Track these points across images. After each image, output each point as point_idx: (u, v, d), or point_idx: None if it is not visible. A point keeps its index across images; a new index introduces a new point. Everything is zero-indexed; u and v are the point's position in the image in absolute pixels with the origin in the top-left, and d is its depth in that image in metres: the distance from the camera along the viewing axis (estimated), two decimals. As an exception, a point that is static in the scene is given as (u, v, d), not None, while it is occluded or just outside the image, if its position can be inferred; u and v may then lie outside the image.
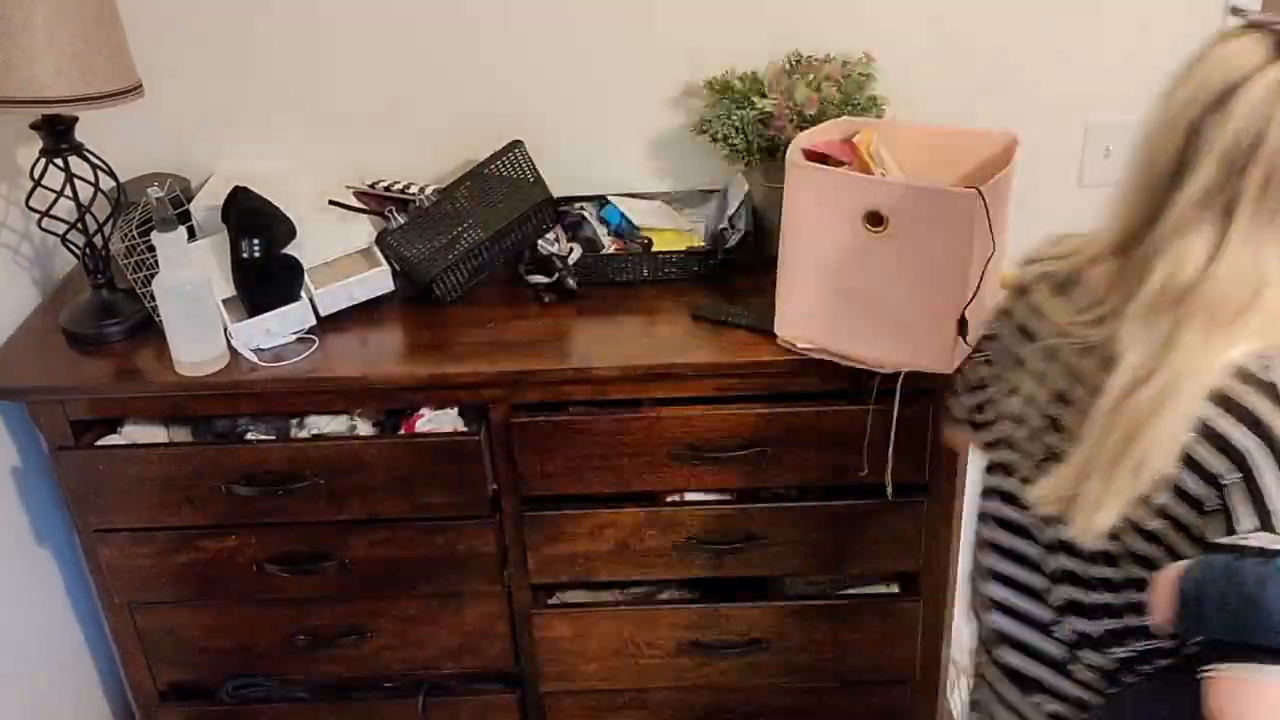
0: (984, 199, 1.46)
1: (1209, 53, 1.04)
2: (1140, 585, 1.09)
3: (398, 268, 1.79)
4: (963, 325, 1.55)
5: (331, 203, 1.87)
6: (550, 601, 1.90)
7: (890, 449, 1.67)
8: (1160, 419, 1.00)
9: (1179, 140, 1.02)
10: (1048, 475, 1.11)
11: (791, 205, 1.57)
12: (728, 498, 1.78)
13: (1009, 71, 1.89)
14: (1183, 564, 1.02)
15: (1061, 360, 1.15)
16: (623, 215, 1.90)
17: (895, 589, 1.87)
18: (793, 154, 1.57)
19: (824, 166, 1.58)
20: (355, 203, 1.88)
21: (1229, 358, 1.00)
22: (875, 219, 1.51)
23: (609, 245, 1.88)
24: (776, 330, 1.65)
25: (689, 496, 1.78)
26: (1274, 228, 0.99)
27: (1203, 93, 1.01)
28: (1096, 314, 1.10)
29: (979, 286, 1.53)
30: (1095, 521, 1.05)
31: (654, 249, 1.85)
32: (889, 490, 1.71)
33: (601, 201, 1.94)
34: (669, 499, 1.78)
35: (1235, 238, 0.99)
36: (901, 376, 1.60)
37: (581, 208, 1.92)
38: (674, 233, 1.91)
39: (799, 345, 1.63)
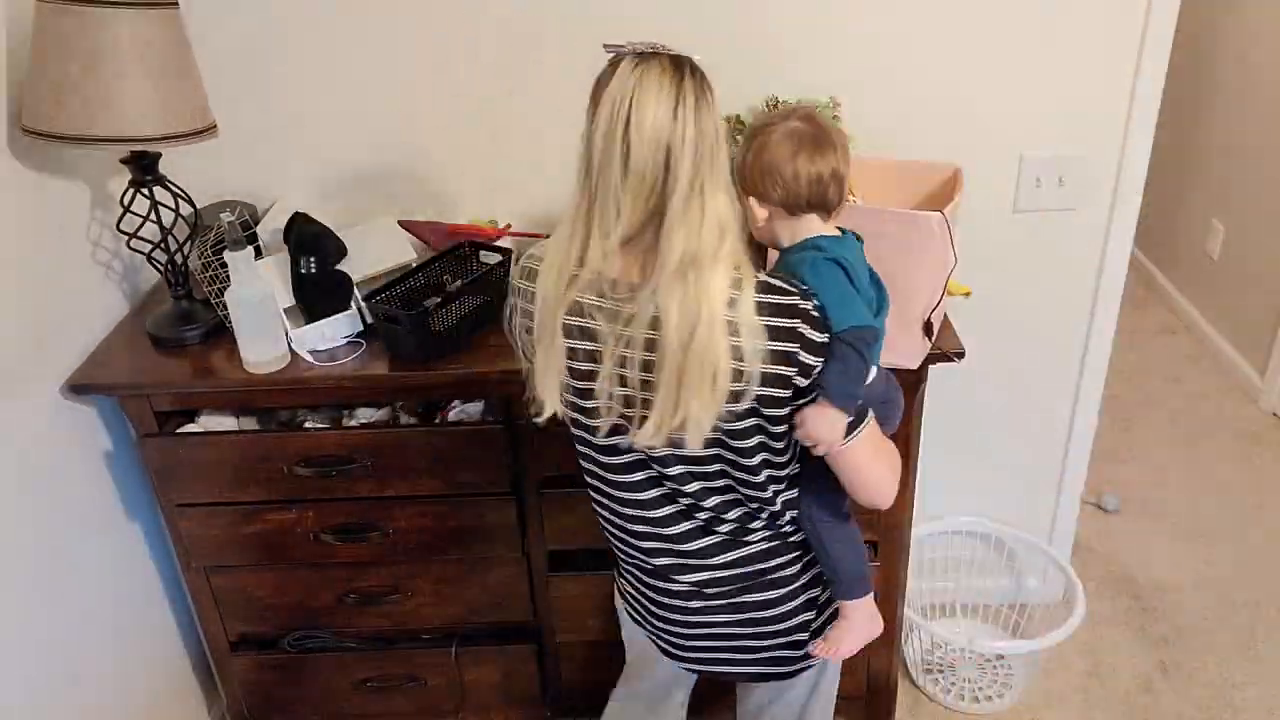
0: (948, 220, 1.47)
1: (643, 83, 1.12)
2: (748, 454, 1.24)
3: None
4: (928, 327, 1.55)
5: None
6: (563, 566, 1.90)
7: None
8: (715, 342, 1.13)
9: (661, 155, 1.11)
10: (648, 419, 1.18)
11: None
12: (714, 477, 1.79)
13: (954, 114, 1.90)
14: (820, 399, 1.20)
15: (605, 333, 1.20)
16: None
17: (857, 555, 1.87)
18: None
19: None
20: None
21: (728, 281, 1.14)
22: (853, 239, 1.52)
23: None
24: None
25: (681, 476, 1.79)
26: (715, 183, 1.14)
27: (658, 115, 1.11)
28: (626, 294, 1.17)
29: (942, 295, 1.54)
30: (703, 432, 1.18)
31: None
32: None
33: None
34: (664, 478, 1.79)
35: (709, 206, 1.13)
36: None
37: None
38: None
39: None
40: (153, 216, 1.70)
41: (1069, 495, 2.30)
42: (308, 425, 1.77)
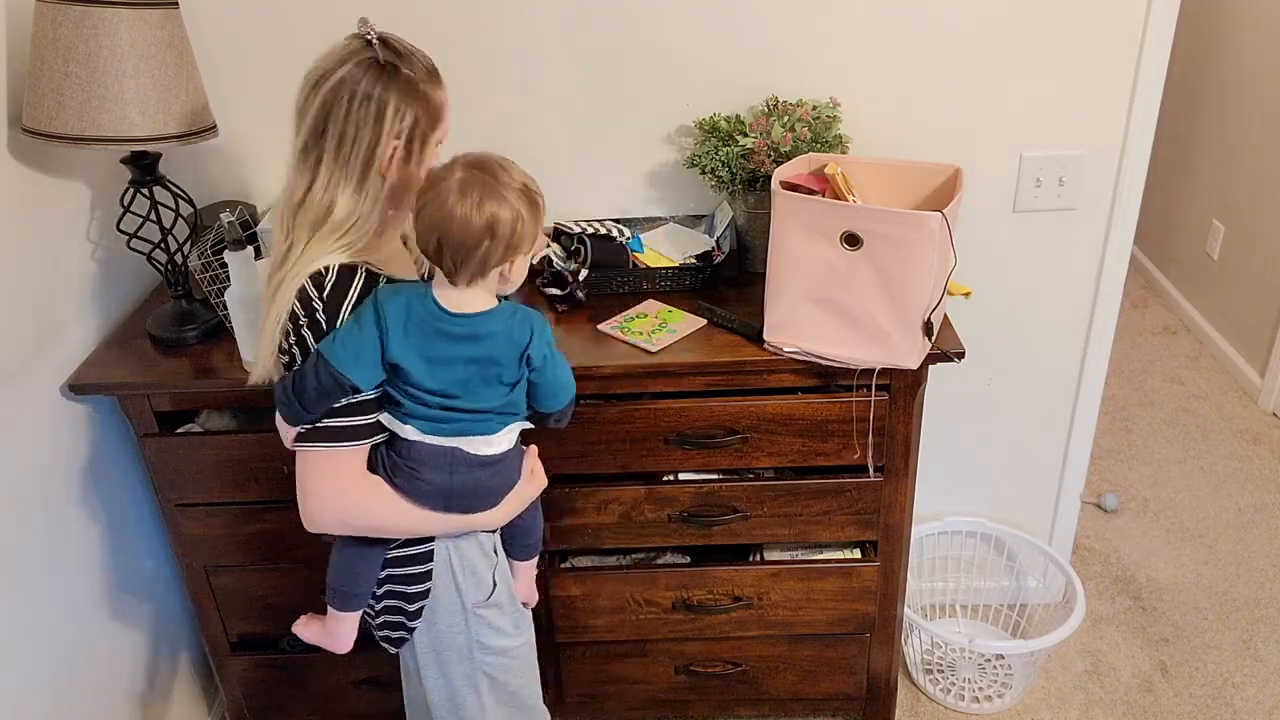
0: (947, 221, 1.48)
1: (327, 48, 1.25)
2: None
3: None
4: (928, 327, 1.55)
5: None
6: (564, 565, 1.90)
7: (870, 434, 1.69)
8: (279, 301, 1.23)
9: (300, 105, 1.25)
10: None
11: (779, 229, 1.57)
12: (715, 477, 1.79)
13: (954, 113, 1.90)
14: None
15: None
16: (640, 240, 1.91)
17: (857, 554, 1.87)
18: (775, 186, 1.57)
19: (808, 196, 1.58)
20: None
21: (318, 264, 1.23)
22: (852, 239, 1.52)
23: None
24: (765, 336, 1.65)
25: (682, 476, 1.79)
26: (345, 175, 1.23)
27: (312, 75, 1.24)
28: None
29: (942, 294, 1.54)
30: (256, 373, 1.30)
31: (653, 265, 1.86)
32: (870, 469, 1.73)
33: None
34: (665, 478, 1.79)
35: (320, 179, 1.23)
36: (876, 373, 1.61)
37: (621, 231, 1.89)
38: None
39: (785, 349, 1.63)
40: (153, 217, 1.70)
41: (1069, 495, 2.31)
42: (308, 425, 1.77)
